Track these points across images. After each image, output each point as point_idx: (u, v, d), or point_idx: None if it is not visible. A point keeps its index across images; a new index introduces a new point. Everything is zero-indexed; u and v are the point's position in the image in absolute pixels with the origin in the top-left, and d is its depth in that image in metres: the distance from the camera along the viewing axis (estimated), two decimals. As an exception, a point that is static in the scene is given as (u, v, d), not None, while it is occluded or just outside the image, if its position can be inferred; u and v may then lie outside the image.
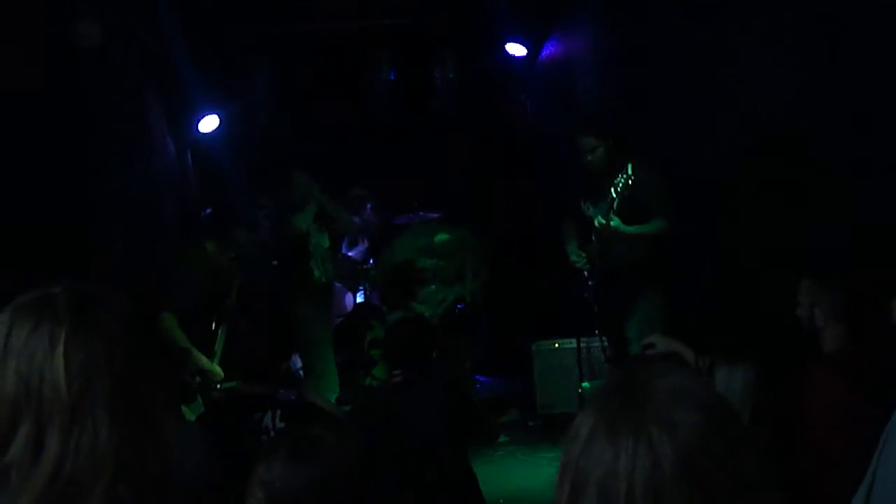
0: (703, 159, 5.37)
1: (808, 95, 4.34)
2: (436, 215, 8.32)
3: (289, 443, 1.89)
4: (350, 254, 8.30)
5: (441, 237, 7.65)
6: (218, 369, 5.43)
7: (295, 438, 1.91)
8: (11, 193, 4.07)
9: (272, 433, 3.43)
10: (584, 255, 5.69)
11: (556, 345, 7.07)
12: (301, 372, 7.16)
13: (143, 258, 5.87)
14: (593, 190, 5.54)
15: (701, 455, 1.04)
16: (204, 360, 5.30)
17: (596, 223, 5.37)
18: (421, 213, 8.37)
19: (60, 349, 1.35)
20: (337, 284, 8.25)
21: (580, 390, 5.86)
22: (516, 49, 8.15)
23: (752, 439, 1.10)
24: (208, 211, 7.14)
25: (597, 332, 5.80)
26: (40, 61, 4.53)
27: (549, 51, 8.23)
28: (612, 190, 5.21)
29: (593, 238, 5.58)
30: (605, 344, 5.73)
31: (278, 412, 3.49)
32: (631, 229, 5.34)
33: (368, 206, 8.72)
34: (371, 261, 8.48)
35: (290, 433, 1.95)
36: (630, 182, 5.13)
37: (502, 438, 6.72)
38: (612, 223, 5.28)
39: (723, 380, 3.06)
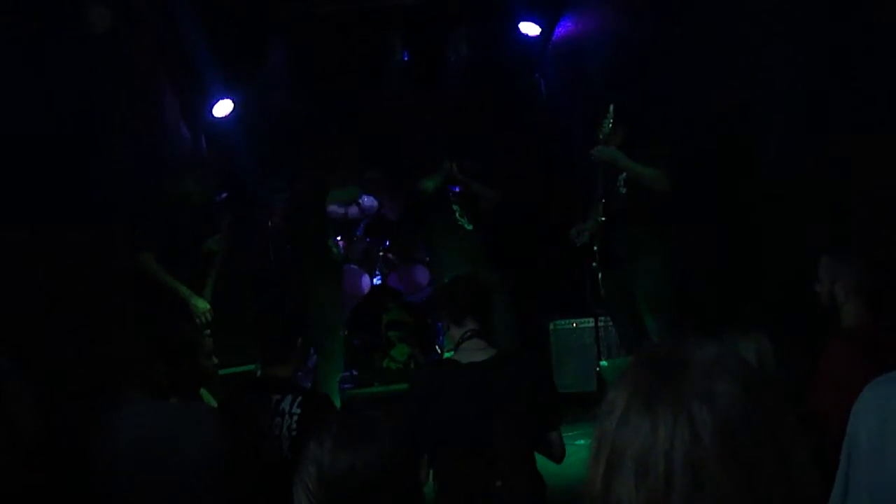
0: (715, 137, 5.34)
1: (811, 68, 4.29)
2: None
3: (341, 422, 1.89)
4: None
5: None
6: (202, 302, 5.49)
7: (348, 418, 1.92)
8: (18, 179, 4.07)
9: (287, 417, 3.43)
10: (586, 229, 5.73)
11: (574, 324, 7.07)
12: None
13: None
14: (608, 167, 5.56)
15: (740, 426, 1.03)
16: (185, 289, 5.39)
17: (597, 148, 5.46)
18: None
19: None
20: (354, 266, 8.27)
21: (598, 369, 5.85)
22: (530, 28, 8.11)
23: (787, 409, 1.09)
24: (223, 195, 7.17)
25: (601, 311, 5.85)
26: (50, 44, 4.52)
27: (562, 30, 8.18)
28: (600, 133, 5.40)
29: (598, 186, 5.66)
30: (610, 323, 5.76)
31: (299, 398, 3.48)
32: (629, 162, 5.41)
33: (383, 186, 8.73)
34: (387, 243, 8.49)
35: (343, 413, 1.96)
36: (612, 121, 5.32)
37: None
38: (608, 151, 5.40)
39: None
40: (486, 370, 3.51)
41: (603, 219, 5.58)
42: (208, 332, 5.41)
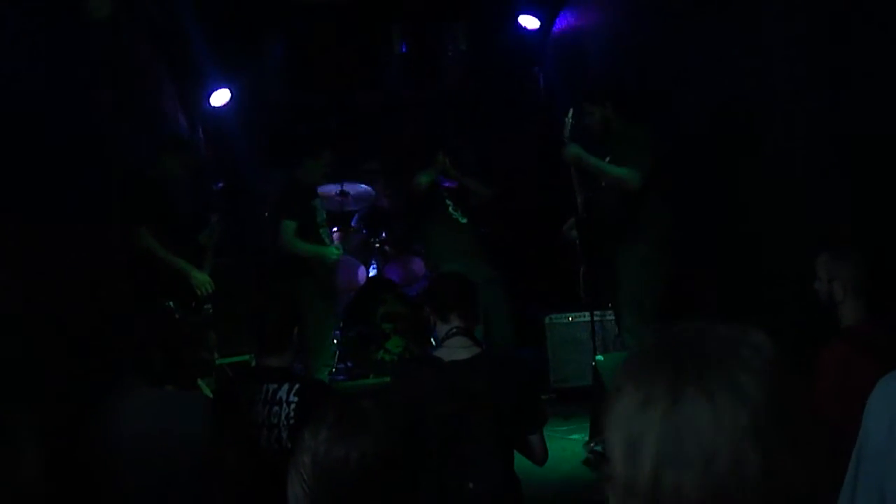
0: (714, 132, 5.32)
1: (811, 62, 4.28)
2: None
3: (336, 412, 1.88)
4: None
5: None
6: (202, 275, 5.53)
7: (343, 409, 1.91)
8: (16, 168, 4.05)
9: (284, 405, 3.43)
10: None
11: (570, 318, 7.07)
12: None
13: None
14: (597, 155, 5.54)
15: (782, 396, 1.03)
16: (184, 263, 5.44)
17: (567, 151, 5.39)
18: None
19: None
20: (350, 258, 8.26)
21: (593, 363, 5.85)
22: (529, 21, 8.10)
23: (804, 395, 1.10)
24: (220, 184, 7.16)
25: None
26: (48, 33, 4.49)
27: (562, 23, 8.17)
28: (565, 133, 5.36)
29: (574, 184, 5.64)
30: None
31: (296, 386, 3.48)
32: (593, 161, 5.34)
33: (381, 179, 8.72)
34: (384, 234, 8.47)
35: (338, 403, 1.95)
36: (571, 124, 5.30)
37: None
38: (570, 149, 5.32)
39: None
40: (468, 369, 3.47)
41: (585, 215, 5.59)
42: (209, 306, 5.44)
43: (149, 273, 5.35)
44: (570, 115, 5.40)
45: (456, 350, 3.54)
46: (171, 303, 5.39)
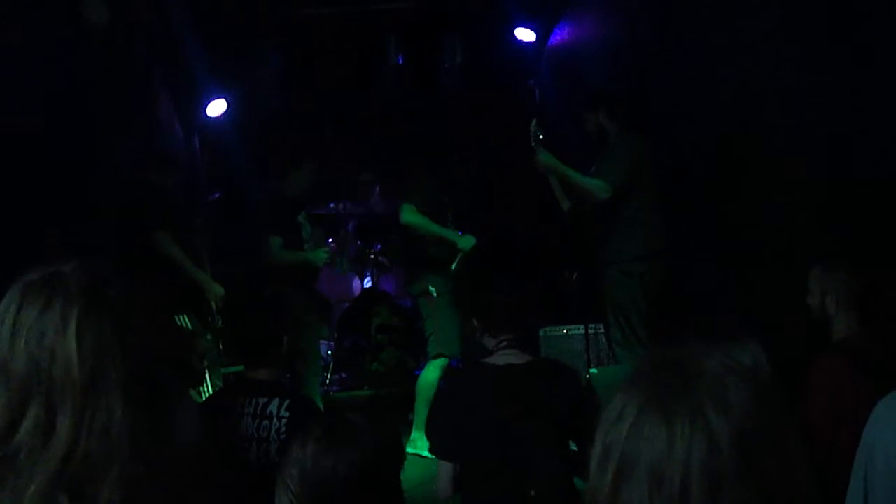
0: (714, 146, 5.32)
1: (810, 75, 4.29)
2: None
3: (324, 425, 1.91)
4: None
5: None
6: (218, 287, 5.52)
7: (330, 421, 1.93)
8: (12, 176, 4.05)
9: (275, 420, 3.40)
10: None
11: (565, 331, 7.05)
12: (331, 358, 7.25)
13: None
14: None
15: (754, 435, 1.03)
16: (201, 274, 5.42)
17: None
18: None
19: (73, 328, 1.31)
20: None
21: (588, 376, 5.84)
22: (525, 34, 8.10)
23: (790, 417, 1.10)
24: (216, 195, 7.15)
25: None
26: (45, 43, 4.50)
27: (558, 36, 8.19)
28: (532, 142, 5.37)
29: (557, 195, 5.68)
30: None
31: (287, 402, 3.44)
32: (564, 169, 5.33)
33: (377, 189, 8.70)
34: (378, 246, 8.46)
35: (326, 416, 1.97)
36: (539, 136, 5.30)
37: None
38: (540, 156, 5.33)
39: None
40: (524, 372, 3.36)
41: (570, 224, 5.59)
42: (219, 316, 5.42)
43: (165, 282, 5.26)
44: (533, 123, 5.37)
45: (509, 357, 3.41)
46: (186, 316, 5.33)
